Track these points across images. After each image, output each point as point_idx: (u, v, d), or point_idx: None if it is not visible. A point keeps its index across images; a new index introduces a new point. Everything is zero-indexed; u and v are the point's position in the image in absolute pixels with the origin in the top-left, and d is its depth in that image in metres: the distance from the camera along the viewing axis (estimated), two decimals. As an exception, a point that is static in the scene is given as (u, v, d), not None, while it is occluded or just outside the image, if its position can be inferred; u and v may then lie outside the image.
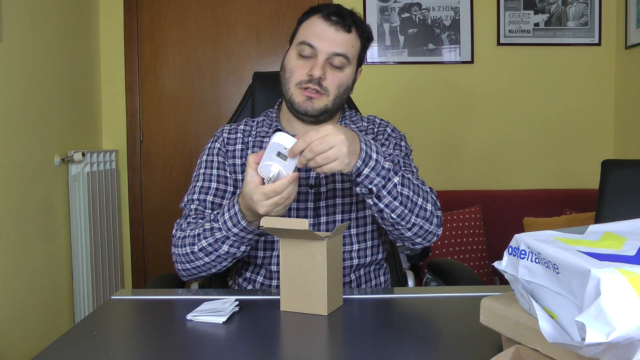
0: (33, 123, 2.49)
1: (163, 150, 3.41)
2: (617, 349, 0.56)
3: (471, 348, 0.89)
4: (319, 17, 1.33)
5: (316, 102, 1.33)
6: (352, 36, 1.34)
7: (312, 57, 1.32)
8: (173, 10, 3.37)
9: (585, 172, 3.36)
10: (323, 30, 1.32)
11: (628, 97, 3.26)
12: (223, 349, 0.94)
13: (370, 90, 3.25)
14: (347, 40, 1.32)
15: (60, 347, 0.92)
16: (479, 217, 3.03)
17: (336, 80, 1.33)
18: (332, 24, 1.32)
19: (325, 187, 1.38)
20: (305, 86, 1.33)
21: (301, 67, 1.33)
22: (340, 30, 1.32)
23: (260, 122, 1.46)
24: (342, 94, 1.36)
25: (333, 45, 1.31)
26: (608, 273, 0.57)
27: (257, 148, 1.41)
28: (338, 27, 1.32)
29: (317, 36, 1.32)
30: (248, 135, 1.44)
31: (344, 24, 1.32)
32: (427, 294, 1.26)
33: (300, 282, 1.07)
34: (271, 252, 1.37)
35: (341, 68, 1.33)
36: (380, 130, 1.47)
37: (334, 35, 1.31)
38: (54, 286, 2.65)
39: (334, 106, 1.36)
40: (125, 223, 3.39)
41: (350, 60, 1.34)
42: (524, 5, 3.35)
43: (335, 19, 1.32)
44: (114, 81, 3.35)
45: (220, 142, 1.43)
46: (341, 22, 1.32)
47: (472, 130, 3.40)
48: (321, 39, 1.31)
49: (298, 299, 1.07)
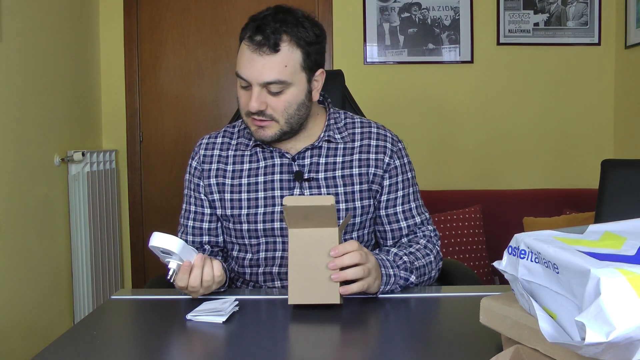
0: (33, 123, 2.49)
1: (163, 150, 3.41)
2: (617, 349, 0.56)
3: (471, 348, 0.89)
4: (245, 42, 1.26)
5: (268, 130, 1.30)
6: (282, 54, 1.24)
7: (250, 87, 1.27)
8: (173, 10, 3.37)
9: (585, 172, 3.36)
10: (250, 58, 1.24)
11: (628, 97, 3.26)
12: (223, 348, 0.94)
13: (370, 90, 3.25)
14: (276, 62, 1.24)
15: (60, 347, 0.92)
16: (478, 217, 3.03)
17: (280, 105, 1.27)
18: (256, 48, 1.23)
19: None
20: (252, 117, 1.29)
21: (244, 97, 1.29)
22: (266, 54, 1.23)
23: (241, 129, 1.42)
24: (295, 113, 1.30)
25: (262, 74, 1.24)
26: (608, 273, 0.57)
27: (238, 165, 1.39)
28: (263, 49, 1.23)
29: (246, 66, 1.25)
30: (227, 148, 1.41)
31: (268, 45, 1.23)
32: (427, 293, 1.26)
33: (310, 273, 1.07)
34: (257, 269, 1.38)
35: (281, 91, 1.26)
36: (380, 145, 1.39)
37: (261, 62, 1.23)
38: (54, 286, 2.65)
39: (291, 127, 1.31)
40: (125, 223, 3.39)
41: (287, 82, 1.25)
42: (523, 5, 3.34)
43: (258, 39, 1.23)
44: (114, 81, 3.35)
45: (196, 161, 1.42)
46: (265, 42, 1.23)
47: (472, 130, 3.40)
48: (250, 69, 1.24)
49: (308, 290, 1.07)
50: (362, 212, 1.38)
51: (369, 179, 1.38)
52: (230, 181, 1.38)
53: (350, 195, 1.36)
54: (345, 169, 1.37)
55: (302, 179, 1.35)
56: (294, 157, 1.37)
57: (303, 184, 1.35)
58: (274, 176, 1.36)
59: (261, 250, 1.36)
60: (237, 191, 1.37)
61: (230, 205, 1.37)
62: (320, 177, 1.36)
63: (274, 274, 1.37)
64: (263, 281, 1.38)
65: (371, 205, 1.39)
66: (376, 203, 1.40)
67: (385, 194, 1.39)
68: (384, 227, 1.41)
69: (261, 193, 1.36)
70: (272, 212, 1.35)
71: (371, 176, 1.38)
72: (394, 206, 1.40)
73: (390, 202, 1.40)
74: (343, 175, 1.36)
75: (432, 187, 3.26)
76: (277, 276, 1.37)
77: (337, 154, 1.38)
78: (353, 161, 1.38)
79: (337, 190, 1.35)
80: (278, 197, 1.35)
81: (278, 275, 1.37)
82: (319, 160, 1.37)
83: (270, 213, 1.35)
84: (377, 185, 1.39)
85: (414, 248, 1.35)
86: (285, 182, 1.36)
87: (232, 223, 1.37)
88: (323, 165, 1.37)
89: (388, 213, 1.40)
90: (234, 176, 1.38)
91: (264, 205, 1.35)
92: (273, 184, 1.36)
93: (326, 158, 1.38)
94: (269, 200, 1.35)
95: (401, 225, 1.40)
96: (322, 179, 1.36)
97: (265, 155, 1.38)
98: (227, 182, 1.38)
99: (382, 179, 1.39)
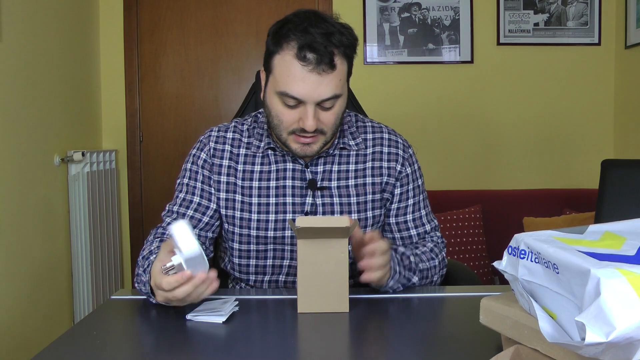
0: (33, 123, 2.49)
1: (163, 150, 3.41)
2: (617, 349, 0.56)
3: (471, 348, 0.89)
4: (294, 58, 1.16)
5: (314, 145, 1.25)
6: (338, 70, 1.18)
7: (300, 105, 1.20)
8: (173, 10, 3.37)
9: (585, 172, 3.36)
10: (304, 77, 1.16)
11: (628, 97, 3.26)
12: (223, 348, 0.94)
13: (370, 90, 3.25)
14: (333, 79, 1.17)
15: (60, 347, 0.92)
16: (478, 217, 3.02)
17: (332, 118, 1.23)
18: (312, 68, 1.15)
19: (322, 214, 1.32)
20: (300, 134, 1.22)
21: (290, 115, 1.21)
22: (325, 72, 1.16)
23: (251, 129, 1.36)
24: (339, 124, 1.27)
25: (319, 92, 1.17)
26: (608, 273, 0.57)
27: (249, 165, 1.33)
28: (320, 68, 1.15)
29: (299, 84, 1.16)
30: (238, 146, 1.35)
31: (325, 62, 1.15)
32: (427, 293, 1.26)
33: (320, 282, 1.07)
34: (262, 277, 1.36)
35: (333, 106, 1.22)
36: (392, 152, 1.37)
37: (319, 80, 1.16)
38: (54, 286, 2.65)
39: (332, 139, 1.29)
40: (125, 223, 3.39)
41: (341, 95, 1.22)
42: (523, 5, 3.35)
43: (312, 57, 1.15)
44: (114, 81, 3.35)
45: (206, 153, 1.34)
46: (319, 59, 1.15)
47: (472, 130, 3.40)
48: (305, 89, 1.16)
49: (318, 299, 1.07)
50: (374, 222, 1.36)
51: (382, 187, 1.36)
52: (241, 182, 1.32)
53: (363, 205, 1.34)
54: (359, 177, 1.34)
55: (315, 187, 1.32)
56: (307, 164, 1.33)
57: (316, 192, 1.32)
58: (285, 182, 1.32)
59: (268, 257, 1.33)
60: (247, 194, 1.32)
61: (240, 208, 1.32)
62: (333, 185, 1.33)
63: (279, 282, 1.35)
64: (267, 281, 1.36)
65: (382, 214, 1.38)
66: (385, 211, 1.38)
67: (396, 202, 1.37)
68: (394, 235, 1.39)
69: (273, 199, 1.31)
70: (284, 219, 1.31)
71: (384, 185, 1.36)
72: (404, 214, 1.38)
73: (401, 210, 1.38)
74: (356, 184, 1.34)
75: (433, 187, 3.26)
76: (284, 284, 1.35)
77: (349, 161, 1.35)
78: (366, 169, 1.35)
79: (350, 200, 1.33)
80: (289, 204, 1.31)
81: (284, 284, 1.35)
82: (332, 167, 1.34)
83: (282, 221, 1.31)
84: (388, 193, 1.37)
85: (420, 250, 1.34)
86: (297, 189, 1.32)
87: (239, 227, 1.32)
88: (336, 173, 1.34)
89: (398, 221, 1.38)
90: (245, 177, 1.32)
91: (275, 212, 1.31)
92: (285, 190, 1.31)
93: (339, 165, 1.34)
94: (280, 207, 1.31)
95: (411, 233, 1.39)
96: (335, 188, 1.33)
97: (277, 159, 1.33)
98: (238, 183, 1.32)
99: (394, 187, 1.37)
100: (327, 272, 1.07)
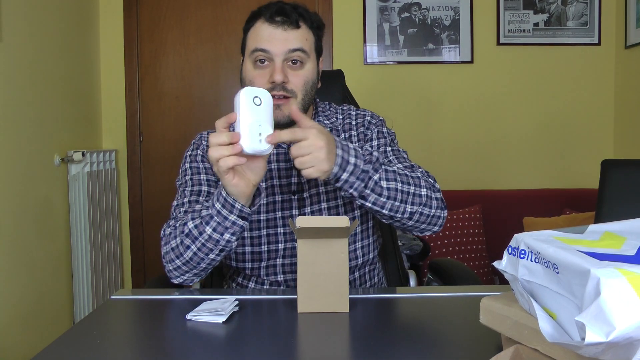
0: (33, 123, 2.49)
1: (163, 150, 3.41)
2: (617, 349, 0.56)
3: (471, 348, 0.89)
4: (263, 22, 1.29)
5: (285, 109, 1.27)
6: (303, 30, 1.29)
7: (269, 63, 1.27)
8: (173, 10, 3.37)
9: (585, 171, 3.36)
10: (271, 33, 1.27)
11: (628, 97, 3.26)
12: (223, 348, 0.94)
13: (369, 90, 3.25)
14: (298, 35, 1.28)
15: (60, 347, 0.92)
16: (478, 216, 3.03)
17: (300, 79, 1.28)
18: (278, 25, 1.27)
19: (308, 192, 1.36)
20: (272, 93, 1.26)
21: (260, 76, 1.28)
22: (289, 29, 1.28)
23: None
24: (310, 90, 1.31)
25: (286, 44, 1.27)
26: (608, 273, 0.57)
27: None
28: (285, 26, 1.27)
29: (268, 40, 1.27)
30: None
31: (290, 22, 1.28)
32: (427, 293, 1.26)
33: (320, 282, 1.07)
34: (259, 263, 1.36)
35: (302, 63, 1.29)
36: (359, 121, 1.43)
37: (284, 35, 1.27)
38: (54, 286, 2.65)
39: (304, 106, 1.30)
40: (125, 223, 3.39)
41: (308, 53, 1.29)
42: (523, 5, 3.35)
43: (279, 18, 1.28)
44: (114, 81, 3.35)
45: (202, 150, 1.42)
46: (287, 20, 1.28)
47: (472, 129, 3.40)
48: (272, 42, 1.26)
49: (318, 299, 1.08)
50: (362, 221, 1.39)
51: None
52: None
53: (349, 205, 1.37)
54: None
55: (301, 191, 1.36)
56: (288, 145, 1.32)
57: None
58: (271, 164, 1.36)
59: (263, 243, 1.35)
60: None
61: None
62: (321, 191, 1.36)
63: (277, 266, 1.36)
64: (265, 275, 1.37)
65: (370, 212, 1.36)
66: None
67: None
68: None
69: (262, 183, 1.34)
70: (274, 201, 1.35)
71: None
72: None
73: None
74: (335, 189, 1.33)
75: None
76: (281, 268, 1.36)
77: None
78: None
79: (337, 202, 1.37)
80: (277, 186, 1.35)
81: (282, 268, 1.36)
82: None
83: (272, 203, 1.35)
84: None
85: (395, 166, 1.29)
86: (283, 170, 1.36)
87: None
88: None
89: None
90: None
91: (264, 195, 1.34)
92: (272, 172, 1.36)
93: None
94: (269, 189, 1.35)
95: None
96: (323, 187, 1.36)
97: None
98: None
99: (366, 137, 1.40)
100: (327, 272, 1.07)
